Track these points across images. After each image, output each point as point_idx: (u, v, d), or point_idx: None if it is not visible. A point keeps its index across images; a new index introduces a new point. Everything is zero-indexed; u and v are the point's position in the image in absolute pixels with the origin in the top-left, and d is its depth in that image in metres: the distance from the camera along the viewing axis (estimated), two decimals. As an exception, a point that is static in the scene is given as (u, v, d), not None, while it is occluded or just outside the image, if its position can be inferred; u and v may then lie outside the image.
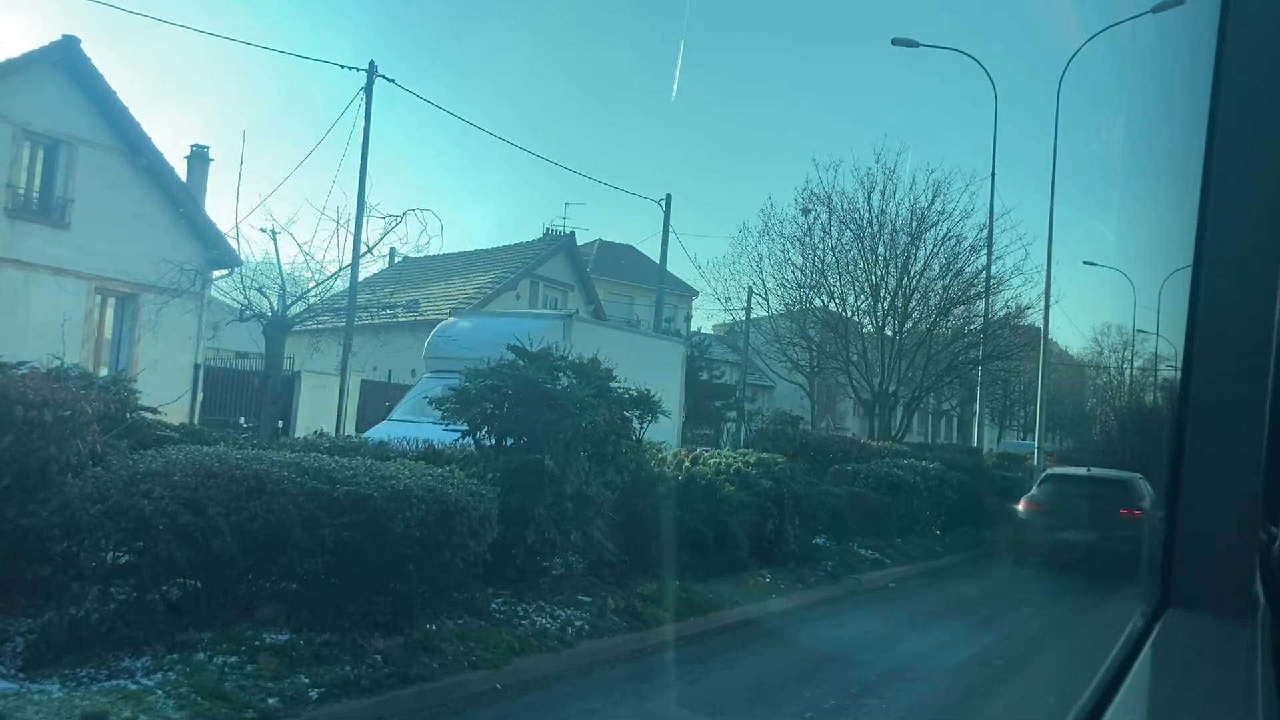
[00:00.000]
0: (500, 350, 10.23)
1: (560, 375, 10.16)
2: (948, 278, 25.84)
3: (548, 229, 40.33)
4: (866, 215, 25.88)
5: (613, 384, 10.26)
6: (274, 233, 12.70)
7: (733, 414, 44.19)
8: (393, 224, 15.49)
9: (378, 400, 27.71)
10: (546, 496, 9.27)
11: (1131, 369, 50.16)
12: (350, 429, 22.98)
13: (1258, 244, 1.60)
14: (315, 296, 11.93)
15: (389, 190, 63.31)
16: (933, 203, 25.57)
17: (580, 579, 10.11)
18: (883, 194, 25.78)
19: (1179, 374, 1.68)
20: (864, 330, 26.52)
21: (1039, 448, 26.47)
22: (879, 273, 25.71)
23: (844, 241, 26.50)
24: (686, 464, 11.84)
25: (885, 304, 25.46)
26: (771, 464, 13.25)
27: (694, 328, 49.76)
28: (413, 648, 7.36)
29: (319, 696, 6.37)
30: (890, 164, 25.93)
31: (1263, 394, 1.56)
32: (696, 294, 48.33)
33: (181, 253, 22.54)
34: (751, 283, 29.39)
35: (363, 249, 17.77)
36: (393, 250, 41.14)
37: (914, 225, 25.56)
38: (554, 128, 72.55)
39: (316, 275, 11.87)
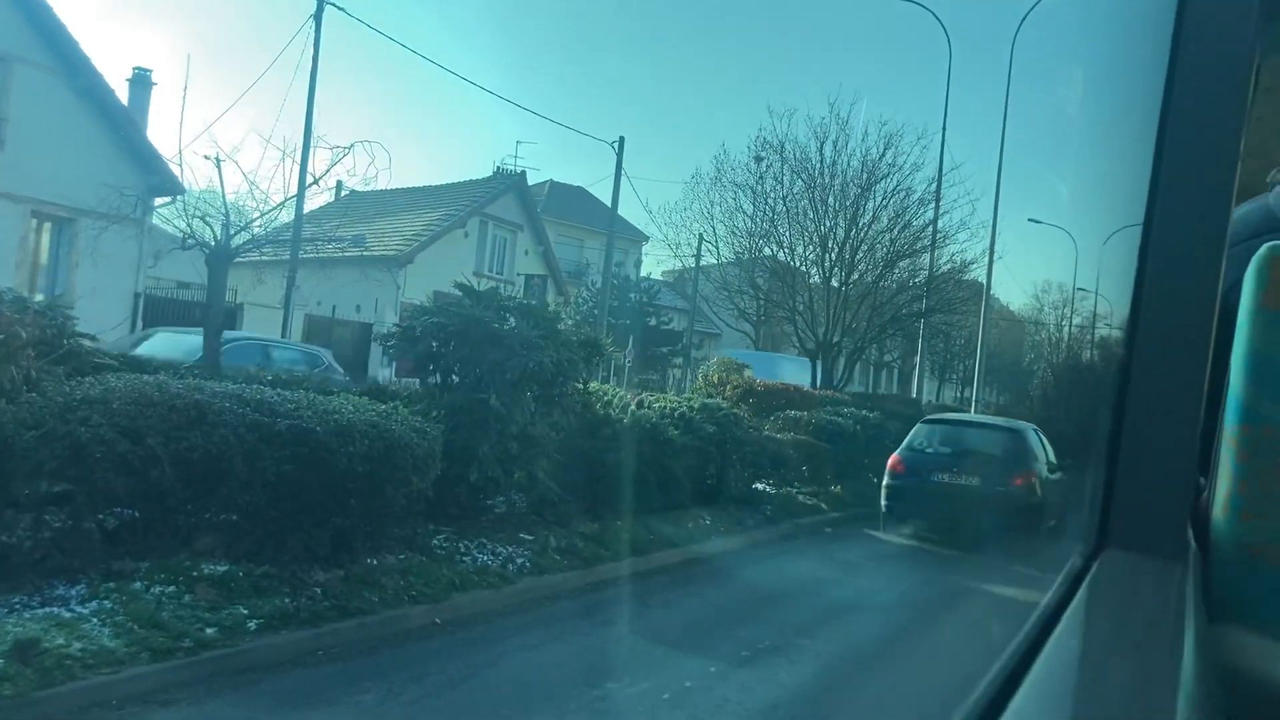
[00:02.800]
0: None
1: (508, 315, 10.14)
2: (895, 230, 26.04)
3: (499, 167, 39.85)
4: (818, 165, 25.94)
5: (561, 323, 10.27)
6: (218, 160, 12.36)
7: (679, 360, 44.41)
8: (340, 155, 15.10)
9: (322, 335, 27.44)
10: (491, 436, 9.30)
11: (1070, 326, 51.20)
12: (293, 364, 22.71)
13: (1208, 200, 1.64)
14: (260, 227, 11.67)
15: (340, 122, 61.79)
16: (883, 155, 25.69)
17: (523, 518, 10.18)
18: (835, 145, 25.83)
19: (1126, 327, 1.76)
20: (811, 280, 26.68)
21: (976, 400, 27.03)
22: (828, 223, 25.83)
23: (795, 191, 26.55)
24: (632, 408, 11.93)
25: (833, 255, 25.59)
26: (715, 409, 13.40)
27: (644, 273, 49.70)
28: (353, 581, 7.39)
29: (257, 627, 6.39)
30: (844, 115, 26.02)
31: (1205, 348, 1.61)
32: (648, 239, 48.19)
33: (122, 178, 21.83)
34: (702, 230, 29.37)
35: (309, 180, 17.37)
36: (339, 183, 40.46)
37: (864, 177, 25.68)
38: (512, 65, 71.30)
39: (261, 205, 11.65)
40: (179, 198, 21.44)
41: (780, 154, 26.48)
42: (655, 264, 49.80)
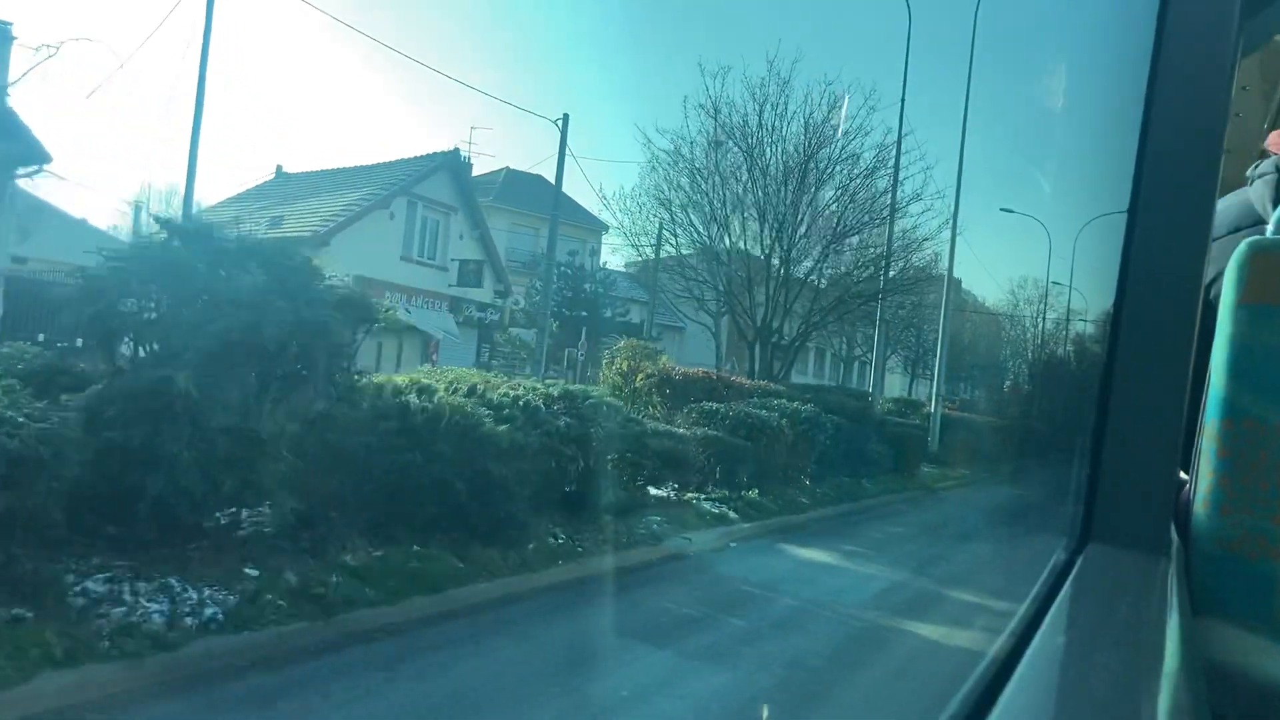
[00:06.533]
0: None
1: (245, 264, 7.34)
2: (841, 201, 23.14)
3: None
4: (758, 133, 23.05)
5: (320, 279, 7.49)
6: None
7: (637, 353, 41.75)
8: (46, 57, 12.50)
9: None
10: (183, 431, 6.50)
11: (1044, 321, 48.99)
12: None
13: (1192, 195, 1.66)
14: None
15: (283, 101, 57.83)
16: (828, 117, 22.83)
17: (265, 543, 7.37)
18: (774, 108, 22.97)
19: (1108, 321, 1.76)
20: (750, 260, 23.76)
21: (937, 395, 24.25)
22: (768, 194, 22.92)
23: (737, 165, 23.71)
24: (440, 393, 9.06)
25: (773, 229, 22.68)
26: (580, 398, 10.63)
27: (601, 263, 47.21)
28: None
29: None
30: (785, 74, 23.15)
31: (1188, 343, 1.62)
32: (607, 229, 45.52)
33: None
34: (660, 218, 26.56)
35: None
36: (279, 168, 38.55)
37: (808, 142, 22.76)
38: (460, 46, 68.16)
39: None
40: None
41: (714, 115, 23.61)
42: (611, 252, 47.05)
